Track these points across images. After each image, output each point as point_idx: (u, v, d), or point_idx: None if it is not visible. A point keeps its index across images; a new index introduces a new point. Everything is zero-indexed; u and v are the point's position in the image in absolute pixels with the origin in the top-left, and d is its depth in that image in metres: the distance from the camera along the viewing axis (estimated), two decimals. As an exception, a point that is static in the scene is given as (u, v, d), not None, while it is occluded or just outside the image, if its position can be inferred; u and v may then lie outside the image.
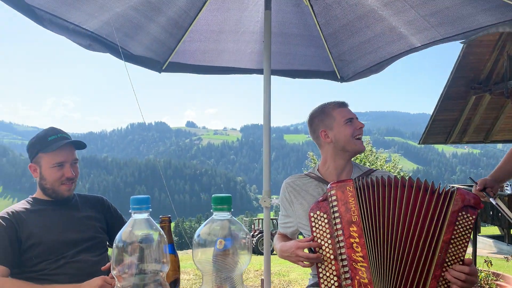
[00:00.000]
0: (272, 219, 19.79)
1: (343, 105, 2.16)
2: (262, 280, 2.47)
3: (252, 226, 23.35)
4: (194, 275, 6.51)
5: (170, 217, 1.10)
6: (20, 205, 1.97)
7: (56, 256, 1.83)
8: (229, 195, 0.82)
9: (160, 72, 3.33)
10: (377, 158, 23.20)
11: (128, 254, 0.77)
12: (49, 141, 1.94)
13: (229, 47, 3.29)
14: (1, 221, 1.82)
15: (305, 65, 3.55)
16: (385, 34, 2.95)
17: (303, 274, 6.75)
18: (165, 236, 0.82)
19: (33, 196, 2.04)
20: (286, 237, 2.20)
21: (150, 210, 0.81)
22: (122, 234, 0.79)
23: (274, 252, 2.44)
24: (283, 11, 3.00)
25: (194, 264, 0.80)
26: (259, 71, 3.54)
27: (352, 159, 2.21)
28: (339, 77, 3.60)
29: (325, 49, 3.35)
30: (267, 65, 2.61)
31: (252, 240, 18.62)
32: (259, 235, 19.06)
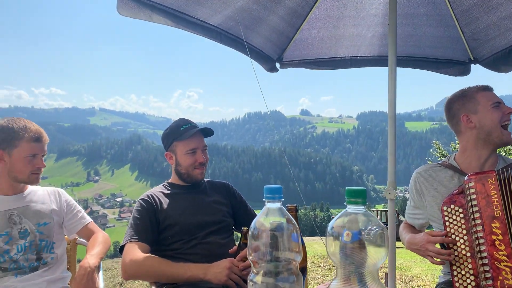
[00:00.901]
0: (381, 210, 18.89)
1: (487, 88, 1.92)
2: (386, 274, 2.37)
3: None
4: (311, 262, 6.57)
5: (296, 206, 1.11)
6: (158, 189, 2.18)
7: (189, 237, 1.99)
8: (364, 188, 0.79)
9: (277, 70, 3.39)
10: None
11: (263, 241, 0.80)
12: (181, 130, 2.12)
13: (348, 32, 3.20)
14: (143, 203, 2.04)
15: (432, 47, 3.28)
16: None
17: (426, 270, 6.34)
18: (297, 226, 0.82)
19: (169, 181, 2.24)
20: (413, 228, 2.07)
21: (283, 199, 0.82)
22: (257, 222, 0.82)
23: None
24: (408, -10, 2.81)
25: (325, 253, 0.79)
26: (379, 62, 3.38)
27: (497, 151, 1.97)
28: (472, 59, 3.25)
29: (456, 29, 3.05)
30: (392, 48, 2.46)
31: (370, 232, 18.05)
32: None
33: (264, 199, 0.82)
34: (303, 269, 1.08)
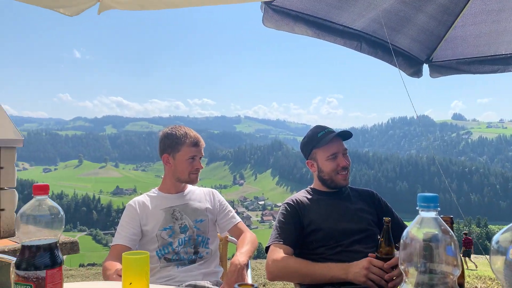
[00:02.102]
0: None
1: None
2: None
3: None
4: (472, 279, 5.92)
5: (452, 217, 1.03)
6: (302, 193, 2.24)
7: (334, 243, 1.99)
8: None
9: (421, 75, 3.17)
10: None
11: (416, 252, 0.77)
12: (319, 137, 2.14)
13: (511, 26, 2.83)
14: (287, 207, 2.12)
15: None
16: None
17: None
18: (454, 238, 0.77)
19: (312, 186, 2.28)
20: None
21: (439, 209, 0.78)
22: (410, 230, 0.79)
23: None
24: None
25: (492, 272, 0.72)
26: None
27: None
28: None
29: None
30: None
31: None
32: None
33: (417, 208, 0.79)
34: (461, 285, 1.00)
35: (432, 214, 0.78)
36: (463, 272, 1.02)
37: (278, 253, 1.93)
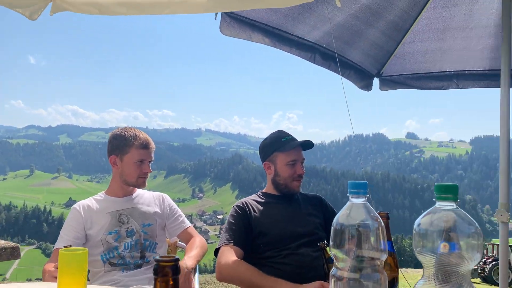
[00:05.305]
0: (497, 245, 16.69)
1: None
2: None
3: (485, 252, 20.30)
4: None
5: (388, 213, 1.07)
6: (252, 197, 2.24)
7: (282, 246, 2.00)
8: (456, 184, 0.74)
9: (371, 88, 3.29)
10: None
11: (346, 237, 0.79)
12: (283, 141, 2.17)
13: (455, 45, 3.01)
14: (237, 209, 2.12)
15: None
16: None
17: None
18: (383, 224, 0.80)
19: (263, 191, 2.29)
20: None
21: (368, 195, 0.80)
22: (340, 216, 0.81)
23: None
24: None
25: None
26: (489, 78, 3.09)
27: None
28: None
29: None
30: (506, 59, 2.25)
31: (485, 268, 16.18)
32: (493, 263, 16.38)
33: (348, 194, 0.81)
34: (394, 280, 1.03)
35: (362, 199, 0.80)
36: (397, 266, 1.05)
37: (230, 254, 1.91)
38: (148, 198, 2.28)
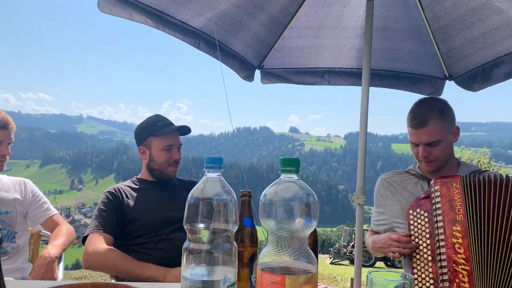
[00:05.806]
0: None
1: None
2: (351, 279, 2.36)
3: (353, 236, 22.67)
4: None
5: (250, 192, 1.12)
6: (126, 183, 2.17)
7: (154, 232, 1.97)
8: (298, 158, 0.81)
9: (252, 79, 3.39)
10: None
11: (199, 210, 0.80)
12: (159, 126, 2.12)
13: (328, 43, 3.25)
14: (109, 195, 2.03)
15: (409, 61, 3.35)
16: (503, 28, 2.66)
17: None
18: (235, 198, 0.83)
19: (138, 176, 2.23)
20: (378, 235, 2.10)
21: (222, 170, 0.83)
22: (194, 191, 0.82)
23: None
24: (387, 4, 2.88)
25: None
26: (356, 76, 3.41)
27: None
28: (447, 75, 3.33)
29: (432, 45, 3.13)
30: (367, 57, 2.51)
31: (352, 251, 18.10)
32: (359, 246, 18.40)
33: (204, 169, 0.83)
34: (254, 255, 1.08)
35: (217, 174, 0.83)
36: (256, 241, 1.10)
37: (97, 241, 1.83)
38: (6, 184, 2.05)
